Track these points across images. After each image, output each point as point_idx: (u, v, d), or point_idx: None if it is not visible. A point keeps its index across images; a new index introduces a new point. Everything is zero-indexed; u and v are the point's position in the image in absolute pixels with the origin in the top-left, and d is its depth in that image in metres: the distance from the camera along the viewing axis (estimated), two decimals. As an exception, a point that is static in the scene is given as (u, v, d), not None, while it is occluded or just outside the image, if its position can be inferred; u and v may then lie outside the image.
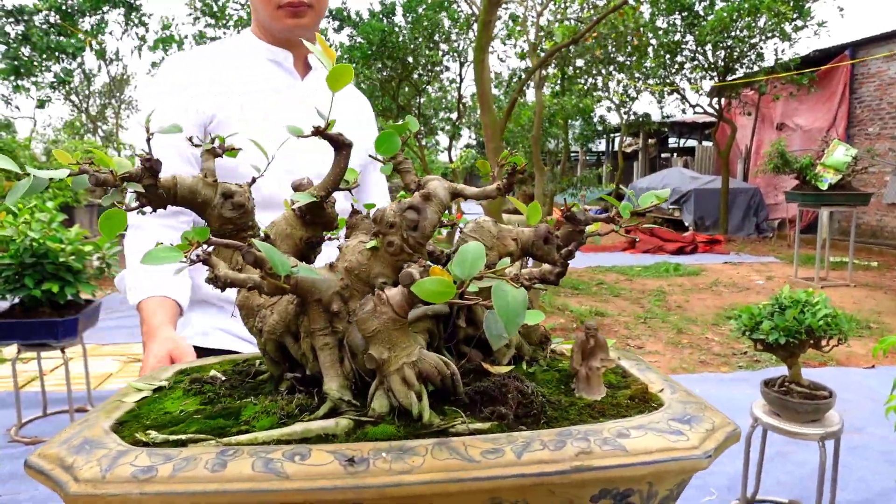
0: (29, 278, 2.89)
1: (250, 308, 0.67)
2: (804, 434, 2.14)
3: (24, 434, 3.20)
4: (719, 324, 5.56)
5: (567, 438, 0.51)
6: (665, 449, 0.50)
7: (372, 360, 0.54)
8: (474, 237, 0.63)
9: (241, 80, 1.37)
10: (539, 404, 0.57)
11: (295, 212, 0.67)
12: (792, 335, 2.08)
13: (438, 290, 0.44)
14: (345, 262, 0.60)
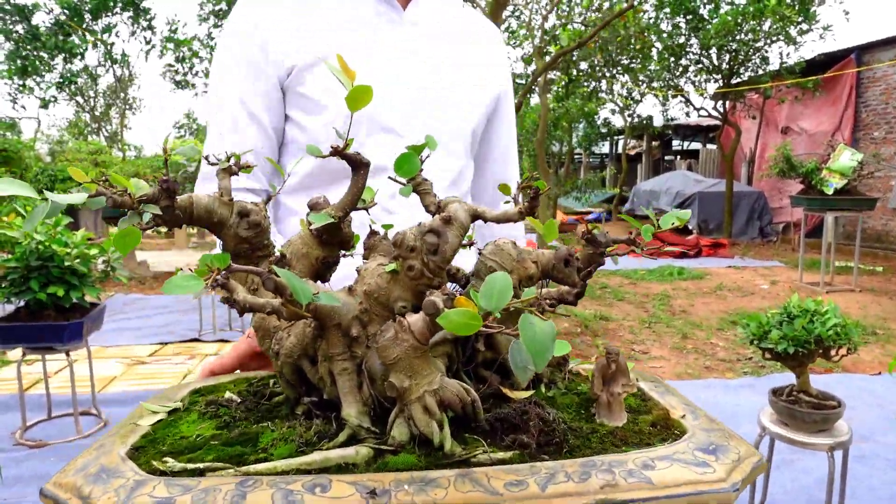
0: (34, 281, 2.89)
1: (266, 330, 0.66)
2: (813, 444, 2.13)
3: (29, 437, 3.20)
4: (724, 329, 5.54)
5: (591, 469, 0.50)
6: (692, 482, 0.49)
7: (393, 389, 0.53)
8: (494, 260, 0.62)
9: (325, 17, 1.11)
10: (561, 432, 0.56)
11: (312, 231, 0.66)
12: (801, 345, 2.07)
13: (464, 322, 0.43)
14: (364, 285, 0.59)
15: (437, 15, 1.19)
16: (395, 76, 1.10)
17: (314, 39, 1.08)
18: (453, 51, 1.18)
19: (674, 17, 11.20)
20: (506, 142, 1.34)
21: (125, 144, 15.76)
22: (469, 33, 1.24)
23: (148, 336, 5.07)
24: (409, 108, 1.10)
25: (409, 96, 1.11)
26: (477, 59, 1.22)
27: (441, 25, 1.19)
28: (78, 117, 19.43)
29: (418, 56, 1.13)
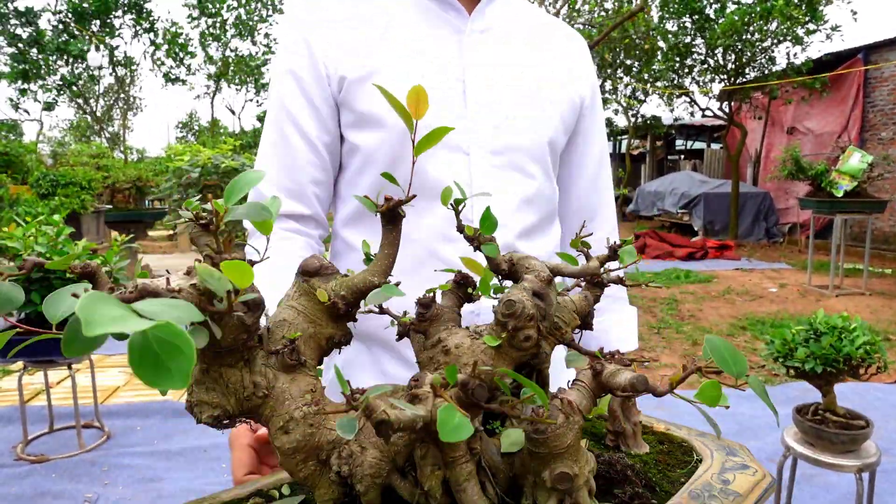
0: (36, 294, 2.83)
1: (313, 449, 0.51)
2: (840, 466, 2.06)
3: (31, 451, 3.13)
4: (735, 335, 5.47)
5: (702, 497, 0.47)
6: (757, 482, 0.56)
7: (564, 480, 0.46)
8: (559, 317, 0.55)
9: (380, 26, 1.01)
10: (645, 475, 0.53)
11: (334, 304, 0.53)
12: (829, 363, 2.00)
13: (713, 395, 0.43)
14: (468, 367, 0.51)
15: (509, 21, 1.08)
16: (459, 90, 1.00)
17: (367, 50, 0.99)
18: (527, 61, 1.07)
19: (680, 18, 11.13)
20: (593, 163, 1.20)
21: (127, 147, 15.72)
22: (546, 42, 1.13)
23: (151, 343, 5.00)
24: (475, 123, 1.00)
25: (475, 111, 1.00)
26: (553, 69, 1.10)
27: (514, 33, 1.08)
28: (80, 119, 19.41)
29: (486, 68, 1.02)
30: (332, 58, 0.99)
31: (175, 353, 0.28)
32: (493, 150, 1.01)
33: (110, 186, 8.63)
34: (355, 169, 1.03)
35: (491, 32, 1.05)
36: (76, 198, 6.46)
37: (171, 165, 5.96)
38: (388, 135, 0.97)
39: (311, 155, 1.02)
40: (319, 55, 0.99)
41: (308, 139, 1.02)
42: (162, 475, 2.92)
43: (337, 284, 0.53)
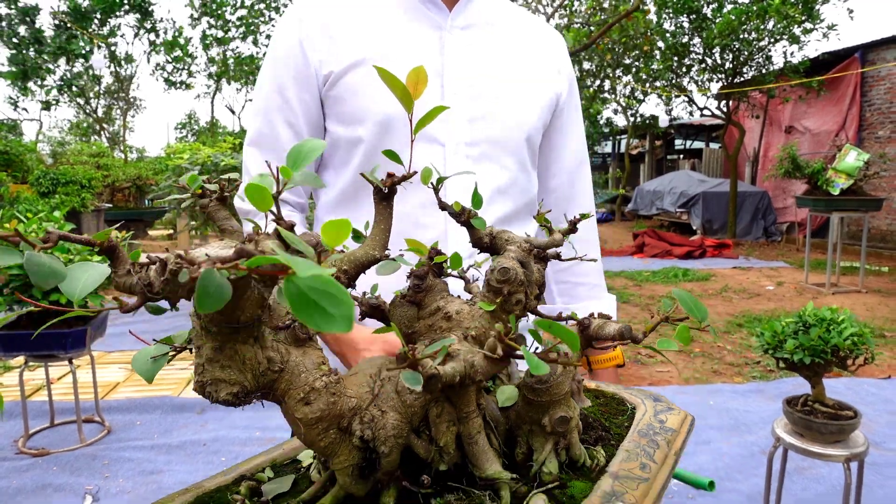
0: (37, 290, 2.86)
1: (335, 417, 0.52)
2: (829, 455, 2.09)
3: (32, 446, 3.17)
4: (731, 332, 5.50)
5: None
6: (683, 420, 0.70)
7: (564, 423, 0.52)
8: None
9: (364, 22, 1.07)
10: (604, 423, 0.60)
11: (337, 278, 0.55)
12: (817, 354, 2.03)
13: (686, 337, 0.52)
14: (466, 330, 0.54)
15: (490, 18, 1.13)
16: (437, 84, 1.05)
17: (350, 45, 1.05)
18: (506, 57, 1.12)
19: (677, 17, 11.16)
20: (571, 156, 1.25)
21: (127, 146, 15.75)
22: (526, 39, 1.17)
23: (150, 340, 5.03)
24: (452, 116, 1.05)
25: (451, 104, 1.05)
26: (532, 66, 1.15)
27: (494, 30, 1.13)
28: (80, 119, 19.43)
29: (466, 63, 1.07)
30: (320, 57, 1.05)
31: (335, 301, 0.30)
32: (468, 142, 1.06)
33: (110, 185, 8.66)
34: (340, 158, 1.08)
35: (472, 29, 1.10)
36: (76, 196, 6.49)
37: (170, 164, 5.99)
38: (368, 127, 1.03)
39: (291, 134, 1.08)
40: (311, 54, 1.05)
41: (295, 129, 1.08)
42: (162, 468, 2.95)
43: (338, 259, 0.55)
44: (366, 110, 1.02)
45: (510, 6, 1.20)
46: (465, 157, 1.05)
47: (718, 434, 3.29)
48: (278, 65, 1.07)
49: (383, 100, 1.01)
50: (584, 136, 1.29)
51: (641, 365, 4.61)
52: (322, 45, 1.05)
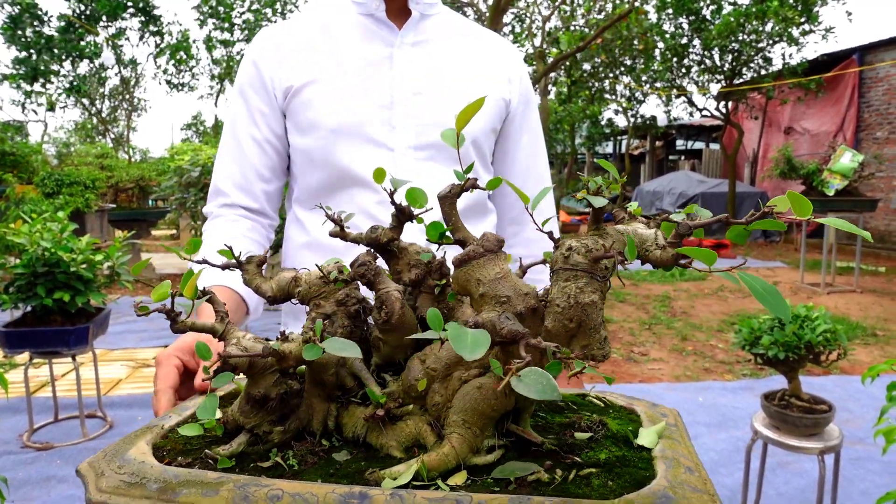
0: (41, 287, 2.95)
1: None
2: (804, 448, 2.16)
3: (36, 440, 3.25)
4: (724, 331, 5.57)
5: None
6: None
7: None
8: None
9: (320, 41, 1.17)
10: None
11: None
12: (791, 350, 2.11)
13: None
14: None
15: (441, 35, 1.21)
16: (382, 93, 1.14)
17: (305, 64, 1.16)
18: (455, 71, 1.19)
19: (676, 18, 11.22)
20: (525, 160, 1.30)
21: (131, 147, 15.86)
22: (476, 53, 1.24)
23: (153, 339, 5.13)
24: (400, 125, 1.14)
25: (401, 115, 1.14)
26: (480, 78, 1.22)
27: (445, 46, 1.21)
28: (86, 120, 19.57)
29: (415, 77, 1.16)
30: (277, 75, 1.17)
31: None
32: (416, 147, 1.15)
33: (114, 186, 8.76)
34: (302, 165, 1.19)
35: (422, 45, 1.19)
36: (80, 197, 6.59)
37: (172, 165, 6.08)
38: (320, 137, 1.13)
39: (260, 155, 1.19)
40: (266, 72, 1.17)
41: (257, 142, 1.19)
42: (162, 461, 3.04)
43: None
44: (318, 121, 1.13)
45: (465, 23, 1.28)
46: (413, 161, 1.14)
47: (706, 430, 3.37)
48: (242, 78, 1.21)
49: (334, 112, 1.12)
50: (541, 135, 1.35)
51: (634, 363, 4.68)
52: (275, 63, 1.17)
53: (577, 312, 0.55)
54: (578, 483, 0.52)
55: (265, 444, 0.58)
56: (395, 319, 0.58)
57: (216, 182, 1.22)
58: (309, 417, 0.60)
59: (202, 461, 0.54)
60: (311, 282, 0.64)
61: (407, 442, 0.58)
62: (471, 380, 0.57)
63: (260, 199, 1.21)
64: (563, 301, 0.55)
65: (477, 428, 0.55)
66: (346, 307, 0.63)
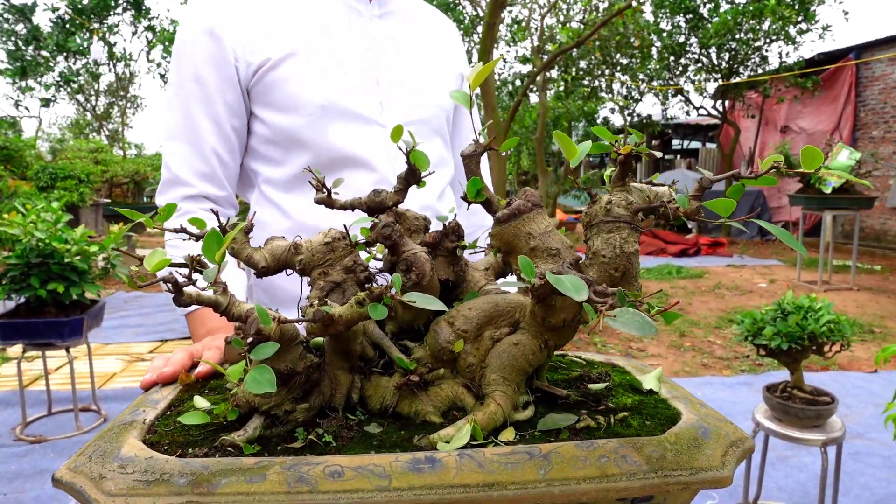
0: (35, 278, 2.91)
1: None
2: (806, 440, 2.15)
3: (29, 433, 3.22)
4: (722, 327, 5.56)
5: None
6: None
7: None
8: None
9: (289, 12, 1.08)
10: None
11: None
12: (794, 341, 2.09)
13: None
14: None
15: (404, 7, 1.22)
16: (366, 67, 1.11)
17: (280, 36, 1.06)
18: (423, 41, 1.21)
19: (673, 17, 11.22)
20: (468, 133, 1.35)
21: (126, 143, 15.78)
22: (435, 26, 1.28)
23: (148, 333, 5.09)
24: (384, 97, 1.11)
25: (386, 87, 1.12)
26: (444, 49, 1.26)
27: (409, 17, 1.22)
28: (80, 116, 19.46)
29: (388, 47, 1.14)
30: (241, 45, 1.04)
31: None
32: (404, 122, 1.11)
33: (108, 181, 8.70)
34: (284, 146, 1.08)
35: (388, 18, 1.18)
36: (75, 191, 6.53)
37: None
38: (307, 113, 1.05)
39: (220, 138, 1.08)
40: (228, 43, 1.04)
41: (217, 123, 1.07)
42: (157, 455, 3.00)
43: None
44: (302, 98, 1.04)
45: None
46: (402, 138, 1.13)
47: (705, 424, 3.35)
48: (192, 51, 1.05)
49: (319, 88, 1.05)
50: (479, 127, 1.39)
51: (632, 358, 4.66)
52: (240, 33, 1.04)
53: (623, 262, 0.57)
54: (622, 425, 0.55)
55: (285, 426, 0.54)
56: (425, 281, 0.56)
57: (173, 169, 1.08)
58: (332, 392, 0.57)
59: (219, 450, 0.50)
60: (313, 249, 0.61)
61: (443, 406, 0.57)
62: (502, 338, 0.56)
63: (225, 184, 1.11)
64: (608, 251, 0.56)
65: (515, 384, 0.56)
66: (356, 274, 0.61)
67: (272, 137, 1.09)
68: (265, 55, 1.04)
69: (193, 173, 1.08)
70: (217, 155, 1.08)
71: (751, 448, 0.53)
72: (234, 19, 1.05)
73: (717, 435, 0.52)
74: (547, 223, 0.56)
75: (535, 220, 0.56)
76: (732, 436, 0.53)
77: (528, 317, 0.57)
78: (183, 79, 1.07)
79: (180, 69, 1.07)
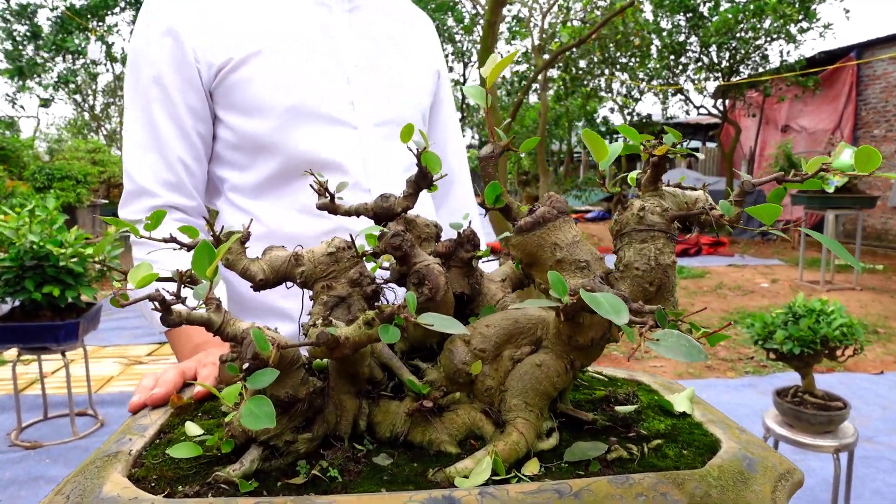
0: (29, 281, 2.86)
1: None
2: (818, 446, 2.10)
3: (25, 438, 3.16)
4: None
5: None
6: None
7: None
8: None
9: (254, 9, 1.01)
10: None
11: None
12: (806, 345, 2.04)
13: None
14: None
15: (372, 2, 1.15)
16: (336, 65, 1.04)
17: (242, 34, 0.98)
18: (396, 36, 1.15)
19: (673, 16, 11.18)
20: (444, 131, 1.28)
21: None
22: (408, 20, 1.21)
23: (146, 335, 5.03)
24: (355, 96, 1.04)
25: (353, 85, 1.05)
26: (417, 44, 1.20)
27: (380, 11, 1.15)
28: (78, 116, 19.39)
29: (359, 43, 1.08)
30: (202, 45, 0.97)
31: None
32: (377, 123, 1.06)
33: (106, 181, 8.65)
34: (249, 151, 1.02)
35: (357, 12, 1.10)
36: (72, 191, 6.48)
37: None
38: (275, 115, 0.98)
39: (185, 145, 1.01)
40: (188, 42, 0.97)
41: (182, 129, 1.00)
42: (154, 461, 2.95)
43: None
44: (268, 100, 0.98)
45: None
46: (377, 138, 1.06)
47: (711, 428, 3.30)
48: (151, 53, 0.98)
49: (287, 89, 0.98)
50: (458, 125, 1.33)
51: (635, 360, 4.62)
52: (200, 32, 0.97)
53: (659, 275, 0.52)
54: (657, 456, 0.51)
55: (285, 458, 0.49)
56: (440, 296, 0.51)
57: (137, 180, 1.00)
58: (337, 419, 0.52)
59: (212, 487, 0.45)
60: (316, 260, 0.56)
61: (460, 434, 0.51)
62: (523, 358, 0.51)
63: (193, 193, 1.04)
64: (642, 264, 0.51)
65: (538, 410, 0.51)
66: (362, 287, 0.56)
67: (238, 142, 1.02)
68: (227, 55, 0.97)
69: (159, 183, 1.00)
70: (183, 163, 1.01)
71: (800, 481, 0.48)
72: (193, 17, 0.98)
73: (764, 467, 0.47)
74: (575, 232, 0.51)
75: (561, 229, 0.51)
76: (780, 467, 0.48)
77: (551, 335, 0.52)
78: (142, 82, 0.99)
79: (139, 72, 1.00)
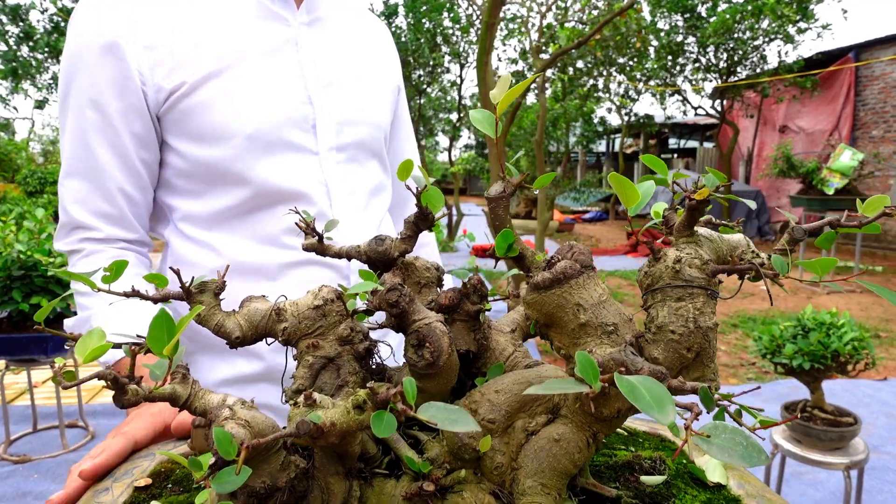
0: (17, 291, 2.79)
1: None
2: (829, 463, 2.04)
3: (14, 452, 3.09)
4: (726, 332, 5.46)
5: None
6: None
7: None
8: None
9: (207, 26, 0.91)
10: None
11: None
12: (817, 360, 1.98)
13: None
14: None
15: (329, 10, 1.07)
16: (296, 86, 0.96)
17: (196, 54, 0.89)
18: (355, 52, 1.08)
19: (671, 16, 11.13)
20: (401, 143, 1.24)
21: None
22: (367, 32, 1.15)
23: (139, 342, 4.95)
24: (317, 118, 0.97)
25: (315, 105, 0.98)
26: (376, 59, 1.14)
27: (339, 24, 1.08)
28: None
29: (320, 59, 1.01)
30: (149, 66, 0.88)
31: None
32: (338, 147, 1.00)
33: (100, 184, 8.58)
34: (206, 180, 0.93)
35: (317, 25, 1.03)
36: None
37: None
38: (228, 146, 0.90)
39: (126, 174, 0.92)
40: (133, 62, 0.87)
41: (123, 157, 0.91)
42: (146, 475, 2.88)
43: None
44: (226, 127, 0.90)
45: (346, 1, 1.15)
46: (337, 164, 0.99)
47: (714, 438, 3.24)
48: (88, 72, 0.88)
49: (244, 115, 0.90)
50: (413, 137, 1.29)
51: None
52: (146, 50, 0.87)
53: (699, 339, 0.45)
54: None
55: None
56: (442, 361, 0.44)
57: (71, 212, 0.92)
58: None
59: None
60: (300, 314, 0.49)
61: None
62: (538, 429, 0.44)
63: (135, 226, 0.96)
64: (679, 326, 0.44)
65: (556, 492, 0.44)
66: (353, 346, 0.49)
67: (190, 170, 0.93)
68: (180, 78, 0.88)
69: (96, 215, 0.92)
70: (124, 193, 0.92)
71: None
72: (137, 31, 0.87)
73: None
74: (601, 290, 0.45)
75: (585, 287, 0.44)
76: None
77: (571, 402, 0.45)
78: (79, 104, 0.89)
79: (75, 93, 0.89)
